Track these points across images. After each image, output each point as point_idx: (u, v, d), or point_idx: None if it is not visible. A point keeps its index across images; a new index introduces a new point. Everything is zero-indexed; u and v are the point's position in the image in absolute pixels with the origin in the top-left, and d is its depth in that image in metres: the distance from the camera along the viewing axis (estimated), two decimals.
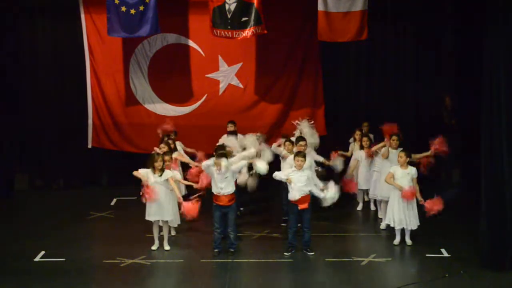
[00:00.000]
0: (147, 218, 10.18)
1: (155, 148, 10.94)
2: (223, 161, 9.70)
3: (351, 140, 12.54)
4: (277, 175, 9.99)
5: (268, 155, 10.82)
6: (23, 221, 11.94)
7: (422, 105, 14.18)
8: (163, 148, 10.91)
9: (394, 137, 11.04)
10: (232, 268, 9.52)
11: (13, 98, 13.79)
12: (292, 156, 10.38)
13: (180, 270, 9.66)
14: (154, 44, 13.81)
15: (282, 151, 11.18)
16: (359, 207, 12.41)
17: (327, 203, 10.03)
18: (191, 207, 9.94)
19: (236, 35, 12.20)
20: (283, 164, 11.05)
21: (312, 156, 10.97)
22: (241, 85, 13.97)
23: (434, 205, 10.07)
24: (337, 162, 11.62)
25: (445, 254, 9.93)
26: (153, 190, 9.90)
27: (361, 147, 11.96)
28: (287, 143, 11.17)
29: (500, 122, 8.95)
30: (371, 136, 12.03)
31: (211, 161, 9.87)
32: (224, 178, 9.80)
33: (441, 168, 14.22)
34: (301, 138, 10.93)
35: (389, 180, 10.29)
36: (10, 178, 14.01)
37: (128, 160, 13.38)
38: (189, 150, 12.18)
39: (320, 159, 11.33)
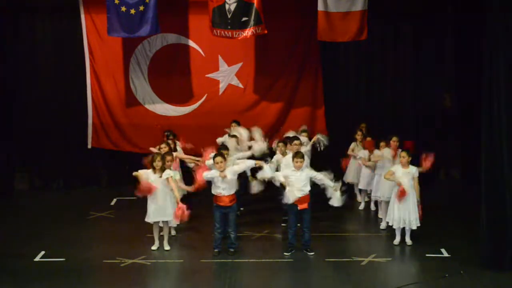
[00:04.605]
0: (146, 219, 10.15)
1: (151, 148, 11.03)
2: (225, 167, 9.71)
3: (352, 145, 12.46)
4: (277, 175, 9.99)
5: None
6: (23, 221, 11.93)
7: (422, 105, 14.18)
8: (164, 148, 10.90)
9: (394, 139, 11.07)
10: (232, 268, 9.50)
11: (13, 98, 13.79)
12: (288, 157, 10.43)
13: (180, 270, 9.66)
14: (154, 44, 13.81)
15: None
16: (361, 207, 12.41)
17: (335, 202, 9.91)
18: (183, 213, 9.67)
19: (236, 35, 12.21)
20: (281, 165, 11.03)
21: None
22: (241, 85, 13.96)
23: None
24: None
25: (445, 254, 9.92)
26: (151, 185, 9.81)
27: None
28: (280, 144, 11.18)
29: (500, 121, 8.95)
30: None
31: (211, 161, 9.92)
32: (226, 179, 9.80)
33: (441, 167, 14.26)
34: (295, 138, 10.92)
35: (388, 176, 10.28)
36: (10, 178, 14.01)
37: (128, 160, 13.38)
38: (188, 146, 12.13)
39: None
